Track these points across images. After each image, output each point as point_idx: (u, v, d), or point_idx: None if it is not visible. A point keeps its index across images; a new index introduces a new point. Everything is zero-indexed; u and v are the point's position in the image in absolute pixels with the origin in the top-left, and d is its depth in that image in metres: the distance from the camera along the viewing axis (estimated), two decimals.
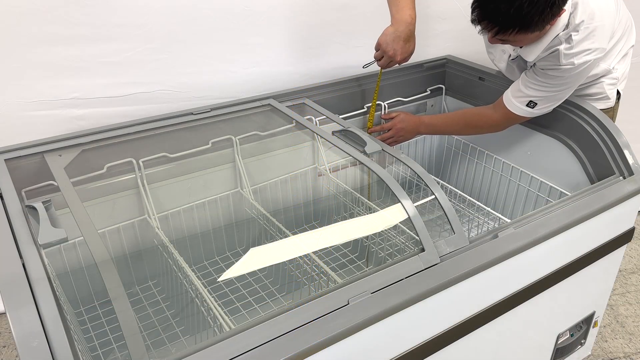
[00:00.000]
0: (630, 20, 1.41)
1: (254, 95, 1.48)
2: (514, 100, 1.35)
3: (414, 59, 1.82)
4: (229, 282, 1.43)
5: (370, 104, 1.63)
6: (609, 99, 1.41)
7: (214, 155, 1.44)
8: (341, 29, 1.68)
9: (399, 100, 1.72)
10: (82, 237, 0.91)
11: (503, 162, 1.62)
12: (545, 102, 1.31)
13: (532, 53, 1.24)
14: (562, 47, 1.20)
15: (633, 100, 2.01)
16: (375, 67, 1.49)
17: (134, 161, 1.31)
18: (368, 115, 1.61)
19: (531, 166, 1.54)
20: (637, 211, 1.27)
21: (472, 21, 1.16)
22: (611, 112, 1.43)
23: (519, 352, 1.25)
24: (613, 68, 1.38)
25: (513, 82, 1.39)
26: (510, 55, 1.37)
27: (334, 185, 1.64)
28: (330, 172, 1.64)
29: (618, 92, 1.43)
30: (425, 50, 1.86)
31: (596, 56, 1.20)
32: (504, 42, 1.19)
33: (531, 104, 1.32)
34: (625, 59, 1.41)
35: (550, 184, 1.48)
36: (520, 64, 1.39)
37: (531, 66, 1.31)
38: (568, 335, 1.37)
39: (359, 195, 1.55)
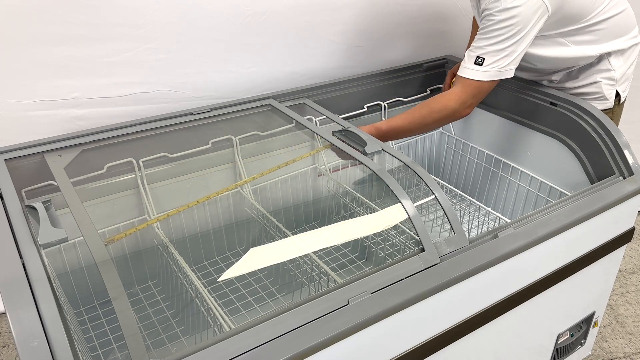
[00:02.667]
0: (630, 19, 1.40)
1: (254, 95, 1.48)
2: (465, 64, 1.32)
3: (414, 59, 1.83)
4: (229, 282, 1.43)
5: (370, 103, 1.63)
6: (606, 99, 1.41)
7: (214, 155, 1.44)
8: (341, 29, 1.68)
9: (398, 100, 1.72)
10: (82, 237, 0.91)
11: (503, 162, 1.62)
12: (492, 54, 1.27)
13: None
14: None
15: (633, 100, 2.01)
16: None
17: (134, 161, 1.31)
18: None
19: (531, 166, 1.54)
20: (637, 211, 1.27)
21: None
22: (610, 113, 1.43)
23: (519, 352, 1.25)
24: (609, 62, 1.37)
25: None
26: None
27: (334, 185, 1.64)
28: (330, 172, 1.64)
29: (618, 94, 1.43)
30: (425, 50, 1.86)
31: None
32: None
33: (479, 60, 1.28)
34: (624, 56, 1.40)
35: (550, 184, 1.48)
36: None
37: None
38: (568, 335, 1.37)
39: (359, 195, 1.55)
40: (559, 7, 1.26)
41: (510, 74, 1.29)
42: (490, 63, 1.27)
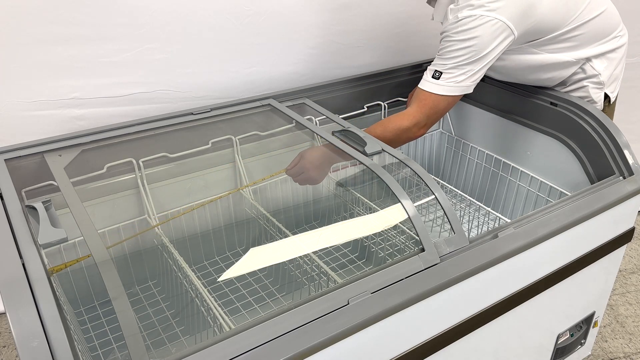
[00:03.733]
0: (611, 19, 1.38)
1: (254, 95, 1.48)
2: (424, 77, 1.32)
3: (415, 58, 1.83)
4: (229, 282, 1.43)
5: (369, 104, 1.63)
6: (595, 103, 1.41)
7: (214, 155, 1.44)
8: (341, 29, 1.68)
9: (398, 100, 1.72)
10: (82, 237, 0.91)
11: (503, 162, 1.62)
12: (449, 72, 1.27)
13: (436, 13, 1.35)
14: (451, 6, 1.28)
15: (633, 100, 2.02)
16: None
17: (134, 161, 1.31)
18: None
19: (531, 166, 1.55)
20: (637, 211, 1.27)
21: None
22: None
23: (519, 352, 1.25)
24: (592, 67, 1.36)
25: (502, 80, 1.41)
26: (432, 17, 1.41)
27: (333, 185, 1.64)
28: (330, 172, 1.63)
29: (607, 97, 1.42)
30: (425, 50, 1.86)
31: (483, 13, 1.20)
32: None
33: (436, 74, 1.28)
34: (608, 59, 1.38)
35: (550, 184, 1.48)
36: None
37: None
38: (568, 335, 1.37)
39: (359, 195, 1.55)
40: (528, 29, 1.25)
41: (469, 90, 1.30)
42: (447, 78, 1.28)
